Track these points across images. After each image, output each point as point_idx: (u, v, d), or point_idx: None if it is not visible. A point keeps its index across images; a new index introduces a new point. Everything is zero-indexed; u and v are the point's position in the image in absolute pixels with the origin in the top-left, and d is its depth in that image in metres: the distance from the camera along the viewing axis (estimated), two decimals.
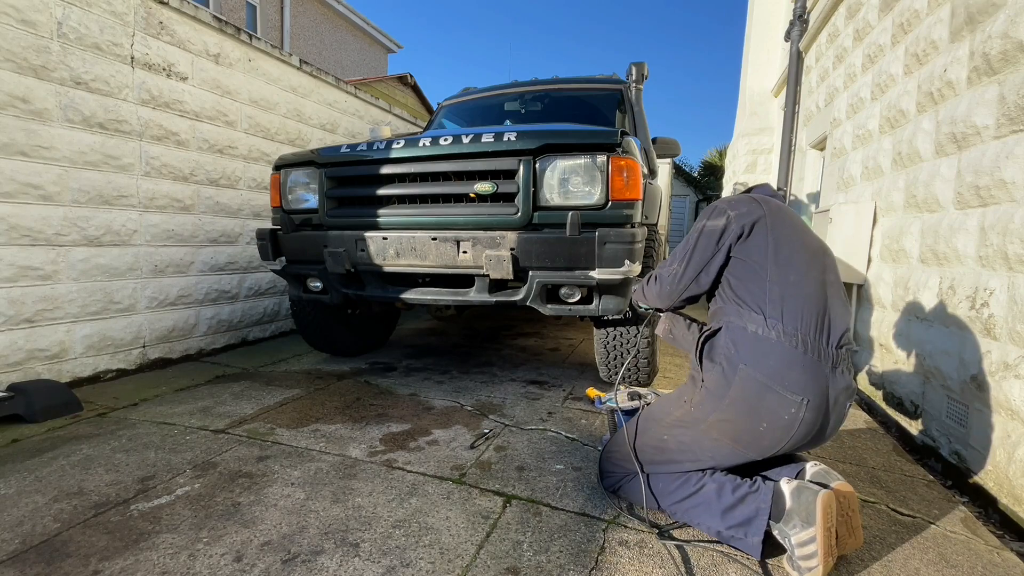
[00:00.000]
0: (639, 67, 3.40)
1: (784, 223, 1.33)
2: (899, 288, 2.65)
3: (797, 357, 1.19)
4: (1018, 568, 1.29)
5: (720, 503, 1.27)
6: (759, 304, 1.25)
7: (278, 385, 2.50)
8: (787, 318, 1.22)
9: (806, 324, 1.21)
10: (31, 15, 2.17)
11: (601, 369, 2.46)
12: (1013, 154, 1.82)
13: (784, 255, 1.28)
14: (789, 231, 1.33)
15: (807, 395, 1.17)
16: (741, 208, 1.33)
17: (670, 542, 1.29)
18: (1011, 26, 1.89)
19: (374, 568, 1.15)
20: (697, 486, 1.31)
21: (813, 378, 1.18)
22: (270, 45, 3.43)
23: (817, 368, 1.19)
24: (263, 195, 3.46)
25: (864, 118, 3.32)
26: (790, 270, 1.26)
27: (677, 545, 1.28)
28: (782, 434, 1.20)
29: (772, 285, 1.25)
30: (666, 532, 1.35)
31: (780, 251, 1.28)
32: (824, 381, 1.19)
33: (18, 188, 2.16)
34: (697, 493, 1.31)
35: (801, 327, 1.21)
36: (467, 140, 2.05)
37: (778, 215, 1.34)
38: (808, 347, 1.20)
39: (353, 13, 12.51)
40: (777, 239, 1.29)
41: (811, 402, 1.17)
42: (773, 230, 1.30)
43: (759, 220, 1.31)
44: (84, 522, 1.31)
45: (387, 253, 2.13)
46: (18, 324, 2.20)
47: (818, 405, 1.18)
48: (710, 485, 1.30)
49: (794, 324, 1.21)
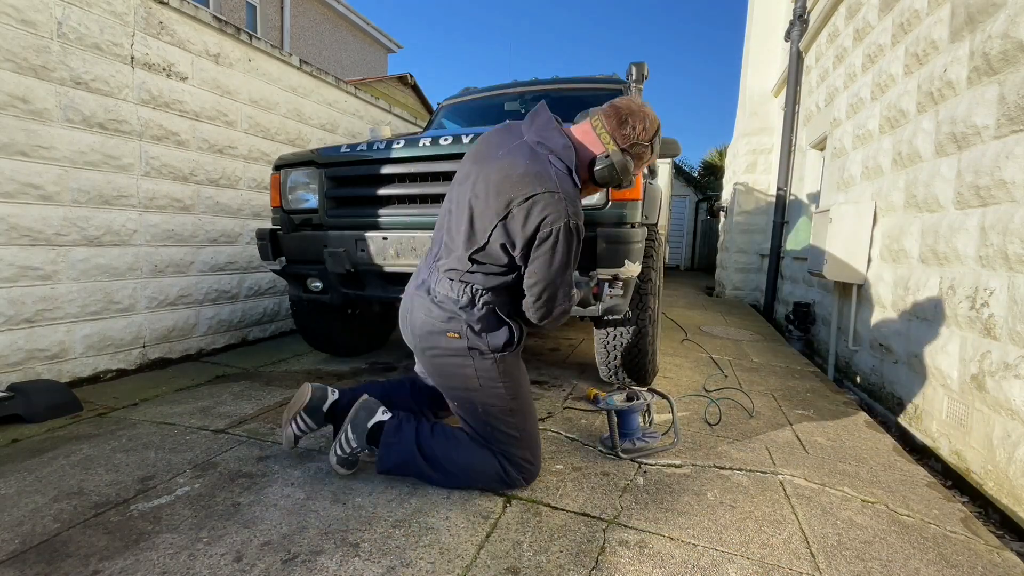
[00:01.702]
0: (639, 67, 3.40)
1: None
2: (899, 288, 2.65)
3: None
4: (1018, 568, 1.29)
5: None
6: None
7: (278, 385, 2.50)
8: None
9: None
10: (31, 15, 2.17)
11: (601, 369, 2.46)
12: (1013, 154, 1.82)
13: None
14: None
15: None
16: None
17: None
18: (1011, 26, 1.89)
19: (374, 568, 1.15)
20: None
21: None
22: (270, 45, 3.43)
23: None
24: (263, 195, 3.46)
25: (864, 118, 3.32)
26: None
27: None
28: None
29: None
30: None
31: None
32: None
33: (18, 188, 2.16)
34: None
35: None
36: (467, 140, 2.05)
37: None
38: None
39: (353, 13, 12.51)
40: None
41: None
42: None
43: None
44: (84, 522, 1.31)
45: (387, 253, 2.13)
46: (18, 324, 2.20)
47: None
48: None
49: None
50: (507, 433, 1.46)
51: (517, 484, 1.51)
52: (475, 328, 1.39)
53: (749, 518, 1.42)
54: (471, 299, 1.39)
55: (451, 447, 1.49)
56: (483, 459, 1.47)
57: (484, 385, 1.43)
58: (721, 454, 1.84)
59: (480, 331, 1.40)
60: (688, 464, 1.75)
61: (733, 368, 3.09)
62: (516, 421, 1.47)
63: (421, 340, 1.47)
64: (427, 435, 1.50)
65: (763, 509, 1.47)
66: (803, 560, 1.25)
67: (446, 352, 1.43)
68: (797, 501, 1.53)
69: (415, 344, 1.51)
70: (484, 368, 1.42)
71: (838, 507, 1.51)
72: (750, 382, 2.81)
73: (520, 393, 1.48)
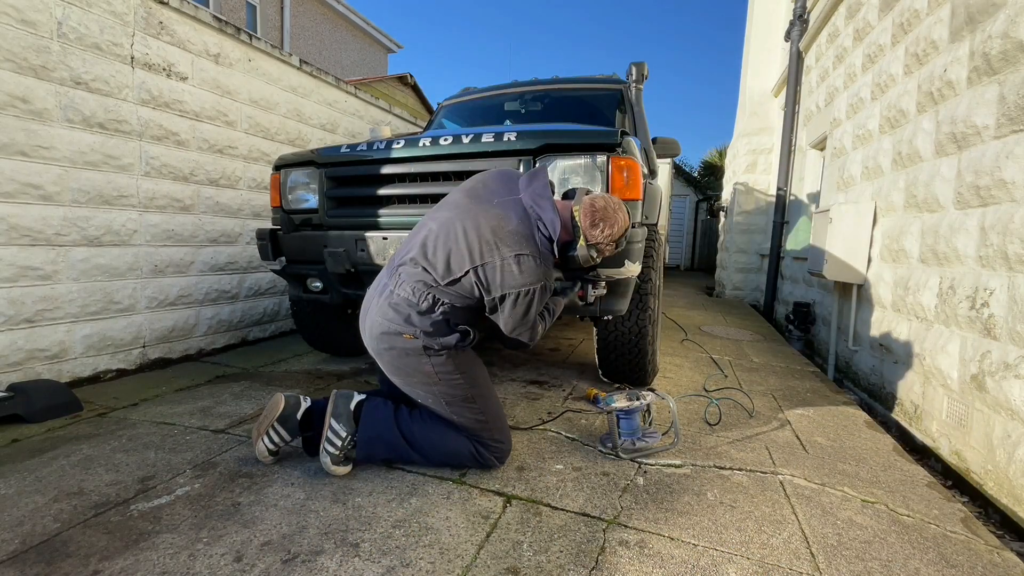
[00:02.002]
0: (639, 67, 3.40)
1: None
2: (899, 288, 2.65)
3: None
4: (1018, 568, 1.29)
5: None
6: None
7: (278, 385, 2.50)
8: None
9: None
10: (31, 15, 2.17)
11: (601, 369, 2.46)
12: (1013, 154, 1.82)
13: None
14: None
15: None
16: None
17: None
18: (1011, 26, 1.89)
19: (374, 568, 1.15)
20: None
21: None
22: (270, 45, 3.43)
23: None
24: (263, 195, 3.46)
25: (864, 118, 3.32)
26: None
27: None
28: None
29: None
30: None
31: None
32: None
33: (18, 188, 2.16)
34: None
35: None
36: (467, 140, 2.05)
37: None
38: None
39: (353, 13, 12.51)
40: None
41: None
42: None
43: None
44: (84, 522, 1.31)
45: (387, 253, 2.13)
46: (18, 324, 2.20)
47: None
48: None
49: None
50: (473, 419, 1.56)
51: (491, 464, 1.62)
52: (427, 331, 1.46)
53: (749, 518, 1.42)
54: (431, 306, 1.46)
55: (428, 428, 1.58)
56: (457, 441, 1.58)
57: (443, 379, 1.51)
58: (721, 454, 1.84)
59: (431, 334, 1.47)
60: (688, 464, 1.75)
61: (733, 368, 3.09)
62: (480, 406, 1.57)
63: (378, 341, 1.52)
64: (405, 415, 1.58)
65: (763, 509, 1.47)
66: (803, 560, 1.25)
67: (403, 351, 1.49)
68: (797, 501, 1.53)
69: (373, 346, 1.55)
70: (439, 363, 1.50)
71: (838, 507, 1.51)
72: (750, 382, 2.81)
73: (478, 381, 1.57)
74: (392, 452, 1.57)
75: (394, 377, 1.58)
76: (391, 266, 1.57)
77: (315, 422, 1.61)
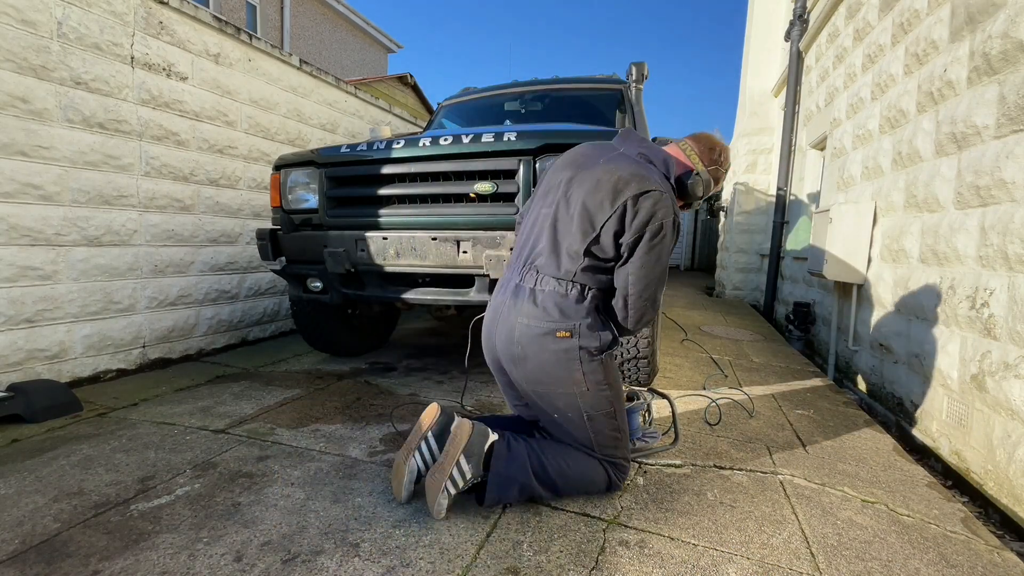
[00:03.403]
0: (639, 67, 3.40)
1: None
2: (899, 288, 2.65)
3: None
4: (1018, 568, 1.29)
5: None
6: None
7: (278, 385, 2.50)
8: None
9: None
10: (31, 15, 2.17)
11: None
12: (1013, 154, 1.82)
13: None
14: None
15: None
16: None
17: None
18: (1011, 26, 1.89)
19: (374, 568, 1.15)
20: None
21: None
22: (270, 45, 3.43)
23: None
24: (263, 195, 3.46)
25: (864, 118, 3.32)
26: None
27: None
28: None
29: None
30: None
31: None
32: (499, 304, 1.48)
33: (18, 188, 2.16)
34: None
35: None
36: (467, 140, 2.05)
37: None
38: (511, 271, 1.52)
39: (353, 13, 12.51)
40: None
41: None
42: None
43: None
44: (84, 522, 1.31)
45: (387, 253, 2.13)
46: (18, 324, 2.20)
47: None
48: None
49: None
50: (611, 435, 1.45)
51: (617, 487, 1.52)
52: (587, 324, 1.37)
53: (749, 518, 1.42)
54: (580, 293, 1.38)
55: (561, 460, 1.43)
56: (593, 468, 1.46)
57: (591, 388, 1.39)
58: (721, 454, 1.84)
59: (591, 327, 1.37)
60: (688, 464, 1.75)
61: (733, 368, 3.09)
62: (619, 422, 1.47)
63: (521, 346, 1.39)
64: (537, 451, 1.42)
65: (763, 509, 1.47)
66: (803, 560, 1.25)
67: (554, 354, 1.37)
68: (797, 501, 1.53)
69: (512, 353, 1.41)
70: (592, 370, 1.38)
71: (838, 507, 1.51)
72: (750, 382, 2.81)
73: (620, 396, 1.49)
74: (524, 494, 1.42)
75: (535, 386, 1.43)
76: (517, 266, 1.48)
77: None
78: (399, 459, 1.41)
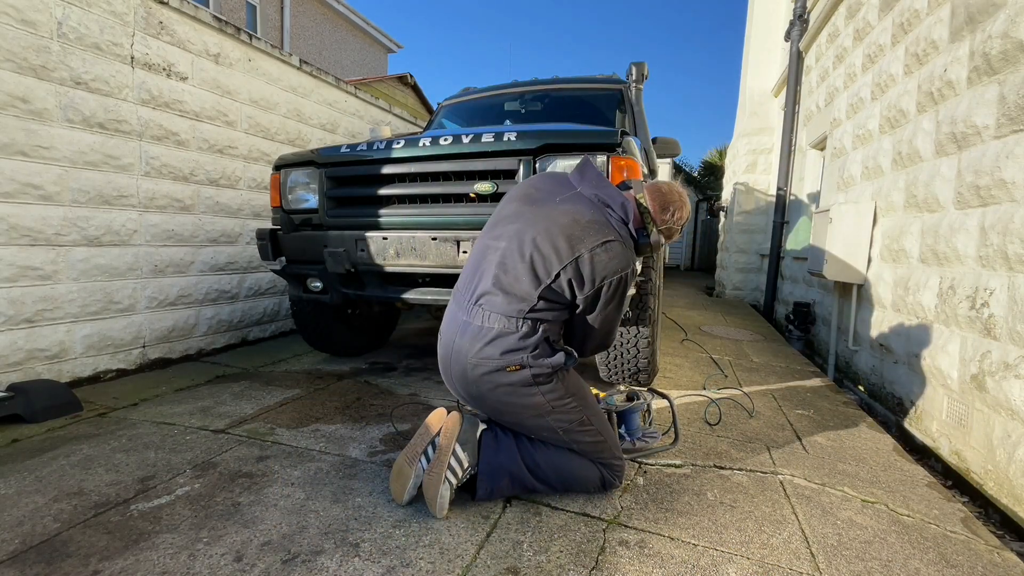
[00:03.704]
0: (639, 67, 3.40)
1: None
2: (899, 288, 2.65)
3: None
4: (1018, 568, 1.29)
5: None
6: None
7: (278, 385, 2.50)
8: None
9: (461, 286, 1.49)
10: (31, 15, 2.17)
11: (601, 369, 2.45)
12: (1013, 154, 1.82)
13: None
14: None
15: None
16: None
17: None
18: (1011, 26, 1.89)
19: (374, 568, 1.15)
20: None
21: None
22: (270, 45, 3.43)
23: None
24: (263, 195, 3.46)
25: (864, 118, 3.32)
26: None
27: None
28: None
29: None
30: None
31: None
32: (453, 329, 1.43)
33: (18, 188, 2.16)
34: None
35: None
36: (467, 140, 2.05)
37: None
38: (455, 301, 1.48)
39: (353, 13, 12.51)
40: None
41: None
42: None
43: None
44: (84, 522, 1.31)
45: (387, 253, 2.13)
46: (18, 324, 2.20)
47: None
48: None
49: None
50: (591, 442, 1.46)
51: (612, 486, 1.52)
52: (535, 353, 1.36)
53: (749, 518, 1.42)
54: (532, 329, 1.36)
55: (553, 456, 1.45)
56: (585, 466, 1.47)
57: (555, 407, 1.39)
58: (721, 454, 1.84)
59: (538, 356, 1.36)
60: (688, 464, 1.75)
61: (733, 368, 3.09)
62: (596, 426, 1.47)
63: (478, 384, 1.39)
64: (527, 445, 1.45)
65: (763, 509, 1.47)
66: (803, 560, 1.25)
67: (509, 387, 1.37)
68: (797, 501, 1.53)
69: (469, 391, 1.43)
70: (549, 390, 1.38)
71: (838, 507, 1.51)
72: (750, 382, 2.81)
73: (588, 401, 1.48)
74: (516, 486, 1.44)
75: (502, 418, 1.45)
76: (465, 301, 1.43)
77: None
78: (401, 462, 1.41)
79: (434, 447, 1.41)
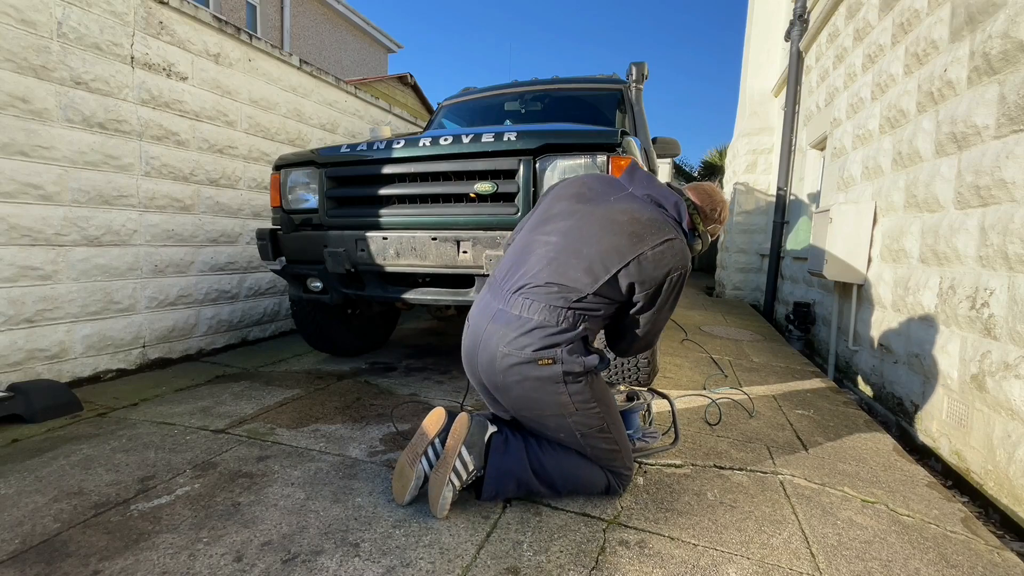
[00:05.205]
0: (639, 67, 3.40)
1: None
2: (899, 288, 2.65)
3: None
4: (1018, 568, 1.29)
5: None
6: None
7: (278, 385, 2.50)
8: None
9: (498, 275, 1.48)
10: (31, 15, 2.17)
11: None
12: (1013, 154, 1.82)
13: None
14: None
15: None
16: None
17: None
18: (1011, 26, 1.89)
19: (374, 568, 1.15)
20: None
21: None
22: (270, 45, 3.43)
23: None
24: (263, 195, 3.46)
25: (864, 118, 3.32)
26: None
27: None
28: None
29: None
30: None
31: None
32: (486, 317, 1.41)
33: (18, 188, 2.16)
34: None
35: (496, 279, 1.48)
36: (467, 140, 2.05)
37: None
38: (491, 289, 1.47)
39: (353, 13, 12.51)
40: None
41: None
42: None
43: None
44: (84, 522, 1.31)
45: (387, 253, 2.13)
46: (18, 324, 2.20)
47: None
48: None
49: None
50: (607, 449, 1.45)
51: (617, 493, 1.53)
52: (570, 349, 1.34)
53: (749, 518, 1.42)
54: (572, 324, 1.34)
55: (560, 459, 1.44)
56: (593, 471, 1.47)
57: (579, 409, 1.37)
58: (721, 454, 1.84)
59: (573, 351, 1.35)
60: (688, 464, 1.75)
61: (733, 368, 3.09)
62: (614, 435, 1.46)
63: (506, 374, 1.36)
64: (535, 447, 1.43)
65: (763, 509, 1.47)
66: (803, 560, 1.25)
67: (538, 381, 1.34)
68: (797, 501, 1.53)
69: (494, 381, 1.40)
70: (577, 391, 1.35)
71: (838, 507, 1.51)
72: (750, 382, 2.81)
73: (612, 409, 1.46)
74: (522, 489, 1.43)
75: (521, 411, 1.43)
76: (503, 290, 1.40)
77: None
78: (403, 463, 1.41)
79: (434, 448, 1.40)
